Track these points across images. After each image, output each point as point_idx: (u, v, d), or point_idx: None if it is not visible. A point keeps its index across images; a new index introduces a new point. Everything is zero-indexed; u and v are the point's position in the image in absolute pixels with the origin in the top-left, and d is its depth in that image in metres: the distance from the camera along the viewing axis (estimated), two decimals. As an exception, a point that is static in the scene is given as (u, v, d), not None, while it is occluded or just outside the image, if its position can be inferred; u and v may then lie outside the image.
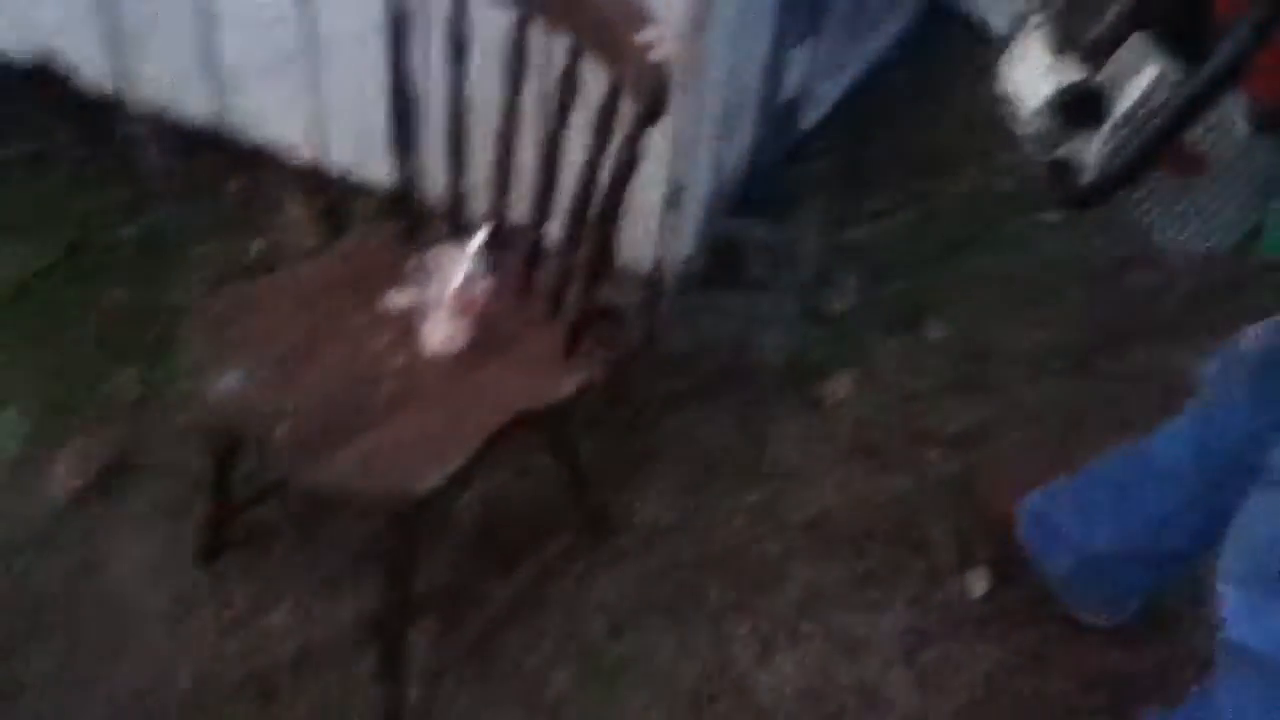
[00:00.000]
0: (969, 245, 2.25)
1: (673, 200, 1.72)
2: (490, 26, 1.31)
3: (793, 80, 2.06)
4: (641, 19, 1.17)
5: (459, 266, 1.35)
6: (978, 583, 1.66)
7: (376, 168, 1.70)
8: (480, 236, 1.35)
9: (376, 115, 1.43)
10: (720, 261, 2.00)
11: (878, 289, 2.12)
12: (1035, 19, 1.07)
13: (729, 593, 1.64)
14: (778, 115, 2.06)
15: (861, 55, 2.40)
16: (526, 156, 1.39)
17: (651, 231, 1.78)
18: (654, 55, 1.09)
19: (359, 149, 1.88)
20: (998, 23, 1.09)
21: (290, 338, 1.36)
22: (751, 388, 1.91)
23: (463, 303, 1.36)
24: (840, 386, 1.93)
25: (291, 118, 1.95)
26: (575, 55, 1.26)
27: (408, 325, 1.39)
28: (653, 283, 1.84)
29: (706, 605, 1.63)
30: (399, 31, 1.36)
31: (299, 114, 1.94)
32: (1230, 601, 1.12)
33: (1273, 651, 1.08)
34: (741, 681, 1.55)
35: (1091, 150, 0.99)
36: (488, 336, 1.38)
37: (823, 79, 2.22)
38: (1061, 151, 1.02)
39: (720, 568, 1.67)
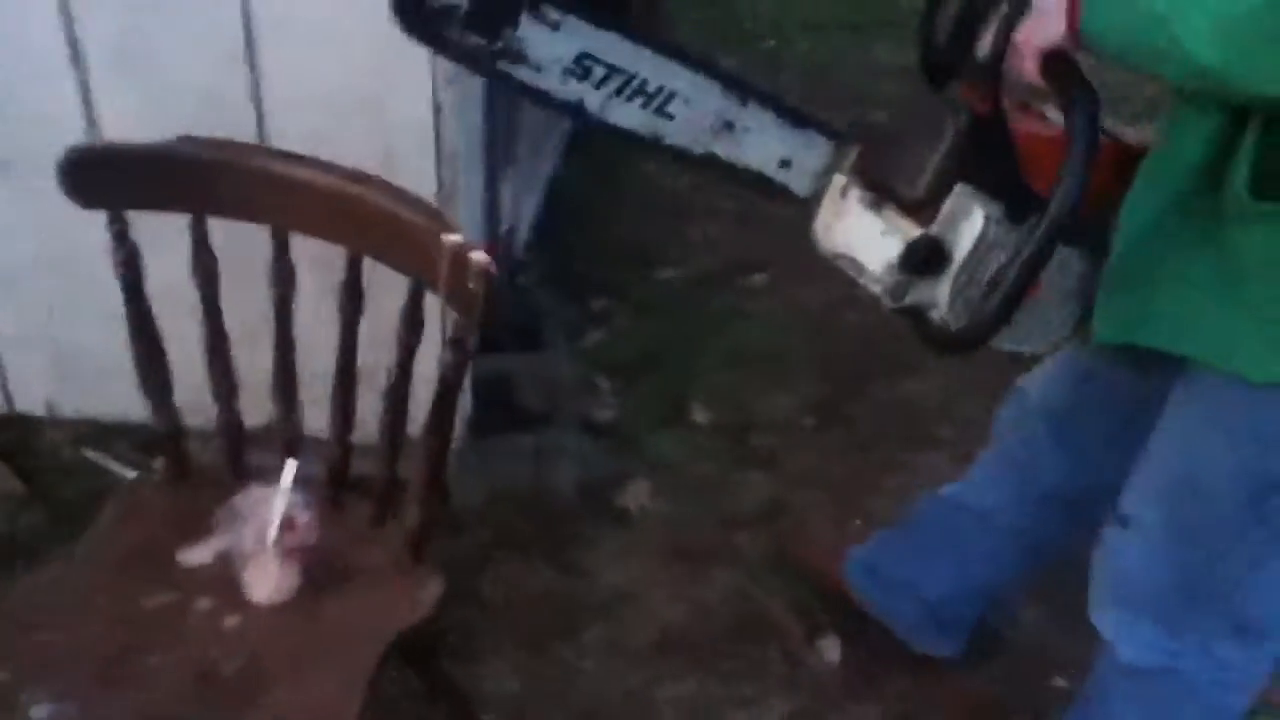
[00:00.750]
0: (694, 326, 2.36)
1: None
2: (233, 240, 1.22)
3: (506, 210, 2.07)
4: (435, 219, 1.13)
5: (273, 506, 1.22)
6: (831, 650, 1.72)
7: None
8: (290, 472, 1.23)
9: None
10: (485, 403, 1.96)
11: (634, 389, 2.17)
12: (840, 181, 1.15)
13: (608, 741, 1.60)
14: (503, 248, 2.05)
15: (546, 170, 2.46)
16: (305, 368, 1.30)
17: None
18: (475, 257, 1.05)
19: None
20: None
21: (95, 642, 1.16)
22: (555, 522, 1.88)
23: (287, 544, 1.23)
24: (639, 493, 1.95)
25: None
26: (356, 265, 1.19)
27: (224, 581, 1.24)
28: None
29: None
30: (130, 264, 1.22)
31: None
32: (1112, 627, 1.25)
33: (1153, 664, 1.23)
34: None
35: (941, 292, 1.09)
36: (318, 569, 1.26)
37: (523, 201, 2.24)
38: (910, 298, 1.11)
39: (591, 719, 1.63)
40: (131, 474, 1.89)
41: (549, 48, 1.09)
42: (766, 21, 3.32)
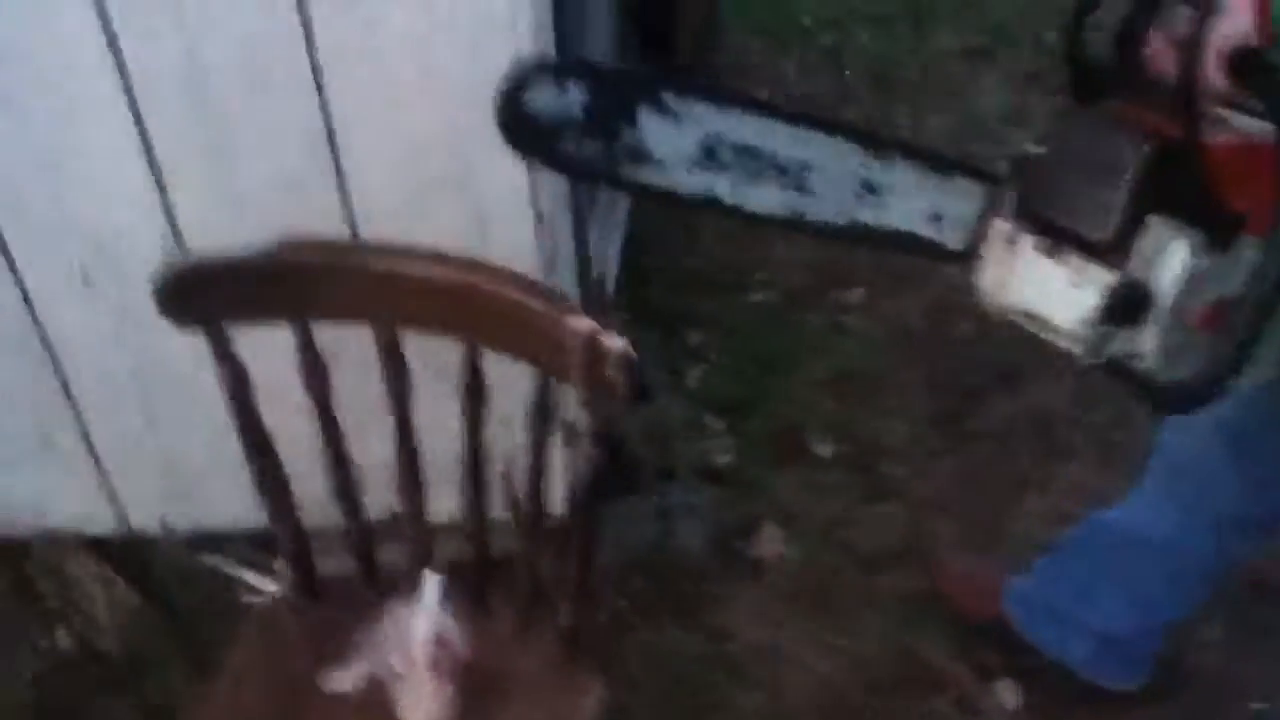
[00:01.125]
0: (795, 349, 2.24)
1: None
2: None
3: (594, 257, 1.98)
4: (555, 303, 1.03)
5: (419, 625, 1.14)
6: (1007, 693, 1.60)
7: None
8: (434, 587, 1.15)
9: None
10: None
11: (746, 425, 2.06)
12: (1003, 229, 1.03)
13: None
14: (596, 297, 1.96)
15: (625, 206, 2.36)
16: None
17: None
18: (612, 345, 0.95)
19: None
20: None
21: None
22: (688, 582, 1.78)
23: (438, 663, 1.14)
24: (771, 540, 1.84)
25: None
26: (474, 359, 1.10)
27: (376, 707, 1.15)
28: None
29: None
30: (238, 380, 1.14)
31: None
32: None
33: None
34: None
35: (1146, 339, 0.97)
36: (475, 683, 1.17)
37: (608, 244, 2.15)
38: (1114, 348, 0.99)
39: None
40: (248, 574, 1.83)
41: (672, 140, 0.98)
42: (825, 19, 3.19)
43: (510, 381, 1.11)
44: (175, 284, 1.07)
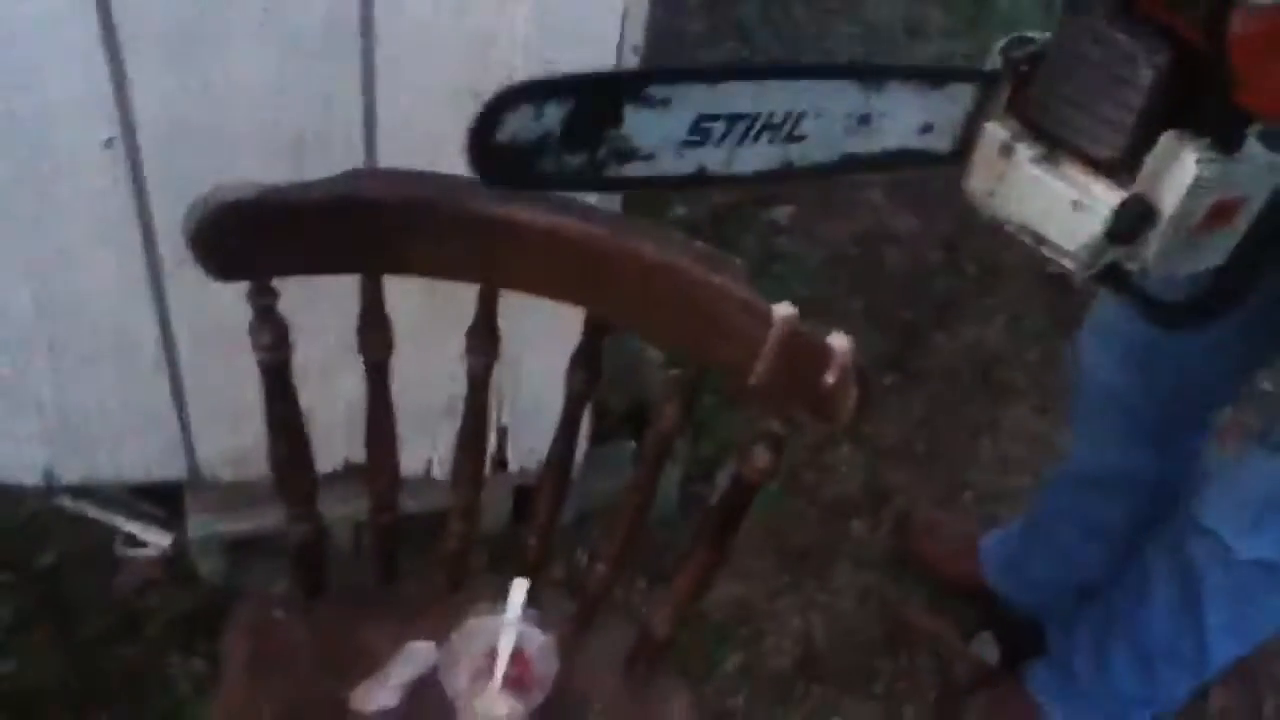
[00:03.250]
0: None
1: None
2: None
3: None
4: (730, 276, 0.85)
5: (503, 638, 0.96)
6: (988, 649, 1.60)
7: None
8: (519, 595, 0.96)
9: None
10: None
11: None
12: (997, 135, 0.92)
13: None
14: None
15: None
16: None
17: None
18: (836, 344, 0.80)
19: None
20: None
21: None
22: (658, 532, 1.64)
23: (518, 680, 0.97)
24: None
25: None
26: (598, 333, 0.92)
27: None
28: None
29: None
30: (279, 346, 0.89)
31: None
32: (1248, 531, 1.20)
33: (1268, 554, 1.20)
34: None
35: (1146, 249, 0.90)
36: (549, 701, 1.00)
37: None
38: (1108, 258, 0.91)
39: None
40: (132, 525, 1.55)
41: (659, 129, 0.83)
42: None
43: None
44: (222, 223, 0.80)
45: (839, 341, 0.80)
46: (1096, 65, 0.88)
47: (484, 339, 0.93)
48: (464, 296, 0.91)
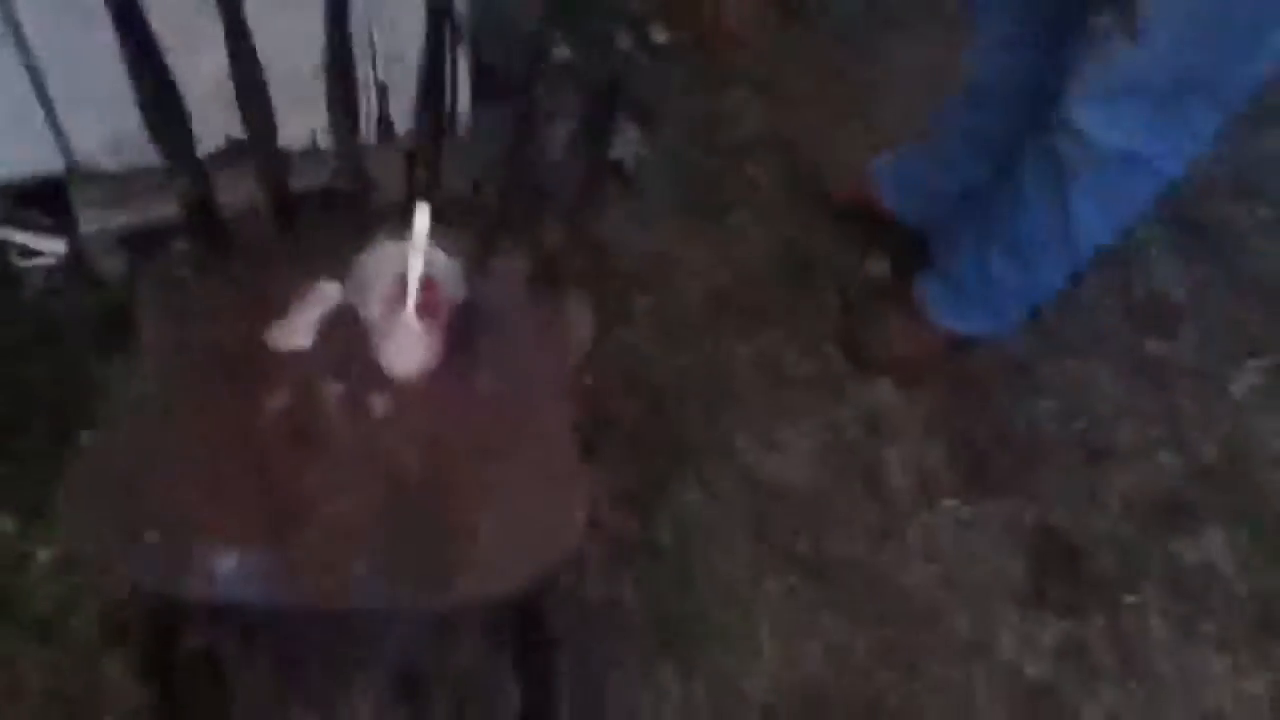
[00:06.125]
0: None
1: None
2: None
3: None
4: None
5: (411, 263, 0.98)
6: (880, 266, 1.69)
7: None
8: (424, 218, 0.97)
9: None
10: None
11: (578, 20, 1.87)
12: None
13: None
14: None
15: None
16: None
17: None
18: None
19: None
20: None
21: (240, 470, 0.94)
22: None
23: (427, 304, 1.00)
24: (629, 142, 1.74)
25: None
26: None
27: (340, 360, 1.01)
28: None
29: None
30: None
31: None
32: (1103, 121, 1.28)
33: (1131, 148, 1.28)
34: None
35: None
36: (459, 324, 1.04)
37: None
38: None
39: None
40: (19, 235, 1.52)
41: None
42: None
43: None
44: None
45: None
46: None
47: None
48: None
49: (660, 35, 1.90)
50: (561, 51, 1.83)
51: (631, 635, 1.32)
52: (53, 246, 1.54)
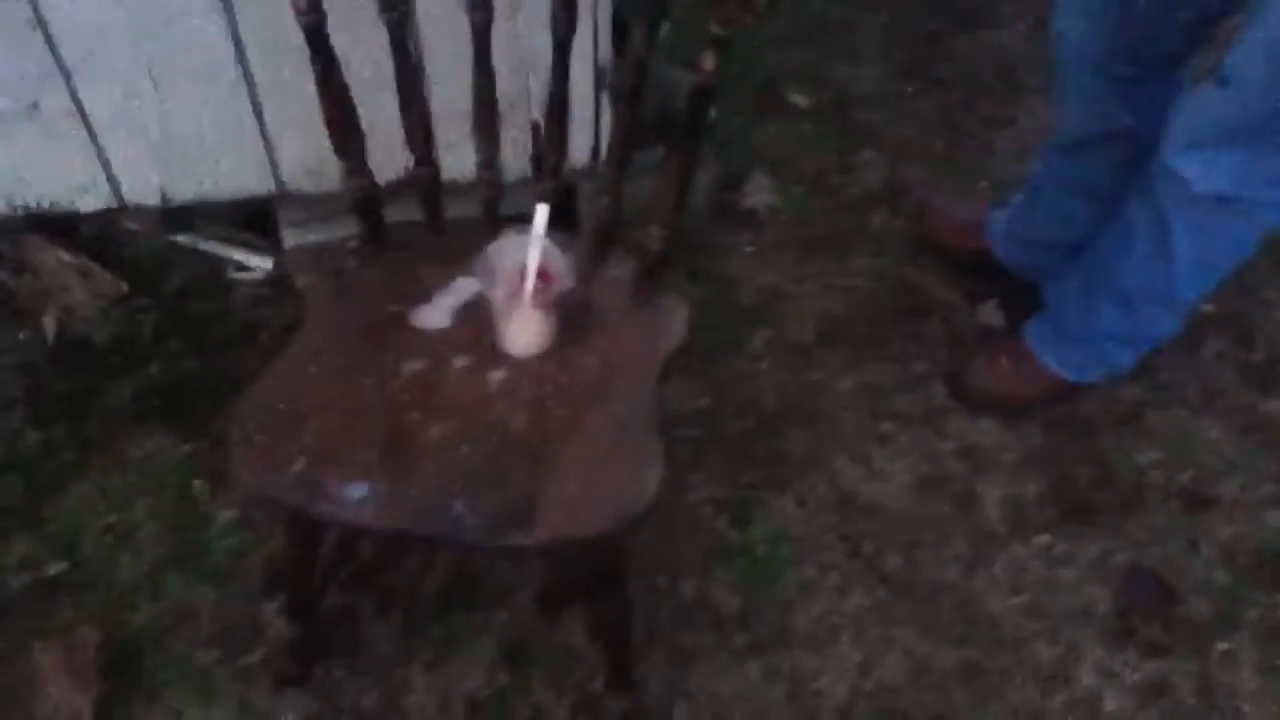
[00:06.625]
0: None
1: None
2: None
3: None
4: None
5: (529, 255, 1.16)
6: (994, 314, 1.75)
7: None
8: (542, 215, 1.16)
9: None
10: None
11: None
12: None
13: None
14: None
15: None
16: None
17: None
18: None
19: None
20: None
21: (374, 418, 1.13)
22: (693, 233, 1.84)
23: (542, 292, 1.17)
24: (758, 190, 1.89)
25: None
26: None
27: (470, 339, 1.19)
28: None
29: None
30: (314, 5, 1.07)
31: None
32: (1198, 165, 1.33)
33: (1226, 191, 1.33)
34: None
35: None
36: (572, 313, 1.21)
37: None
38: None
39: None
40: (236, 252, 1.79)
41: None
42: None
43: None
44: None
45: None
46: None
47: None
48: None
49: (800, 99, 2.05)
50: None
51: (720, 631, 1.42)
52: (261, 263, 1.81)
